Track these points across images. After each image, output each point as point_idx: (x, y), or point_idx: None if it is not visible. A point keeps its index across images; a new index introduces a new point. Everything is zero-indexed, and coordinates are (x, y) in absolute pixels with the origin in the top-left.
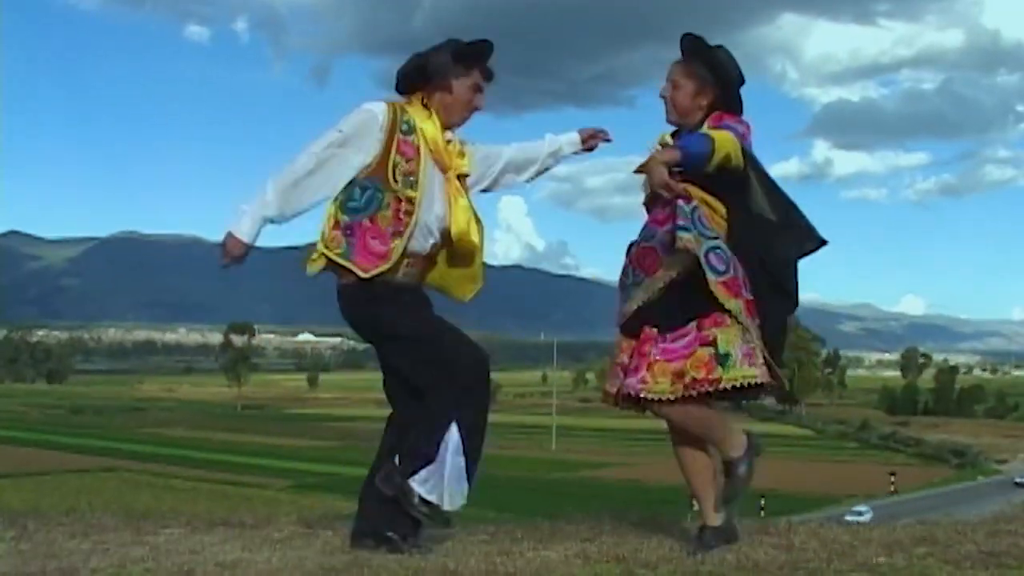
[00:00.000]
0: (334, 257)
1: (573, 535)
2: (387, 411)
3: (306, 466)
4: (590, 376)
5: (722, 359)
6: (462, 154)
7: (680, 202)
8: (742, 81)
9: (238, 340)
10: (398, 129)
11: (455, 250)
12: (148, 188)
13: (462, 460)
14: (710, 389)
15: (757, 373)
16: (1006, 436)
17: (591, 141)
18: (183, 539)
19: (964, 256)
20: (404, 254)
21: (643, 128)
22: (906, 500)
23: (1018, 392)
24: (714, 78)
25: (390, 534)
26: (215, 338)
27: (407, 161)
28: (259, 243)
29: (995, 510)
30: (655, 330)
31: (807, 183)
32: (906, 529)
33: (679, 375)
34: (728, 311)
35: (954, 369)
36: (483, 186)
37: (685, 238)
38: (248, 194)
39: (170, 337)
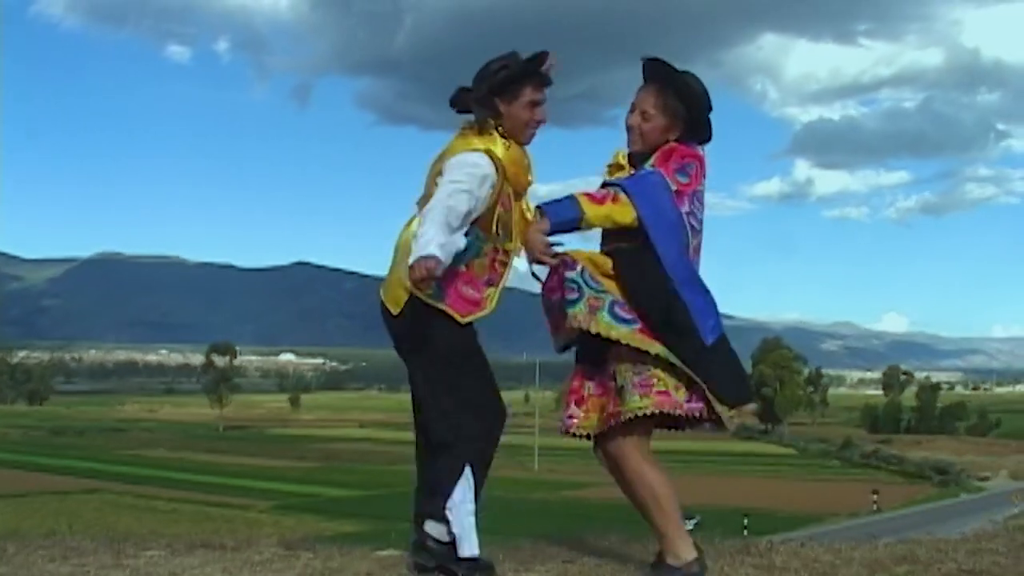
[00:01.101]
0: (425, 299)
1: (555, 556)
2: (367, 432)
3: (288, 487)
4: None
5: (619, 391)
6: (529, 167)
7: (566, 272)
8: (710, 108)
9: (220, 361)
10: (503, 183)
11: None
12: (129, 208)
13: (472, 508)
14: (612, 423)
15: (647, 404)
16: (988, 453)
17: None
18: (163, 562)
19: (945, 274)
20: (494, 304)
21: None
22: (888, 518)
23: (1000, 409)
24: (686, 111)
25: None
26: (197, 359)
27: (506, 212)
28: (241, 263)
29: (976, 528)
30: (585, 364)
31: (789, 202)
32: (887, 548)
33: (603, 409)
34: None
35: (936, 387)
36: None
37: (572, 314)
38: (233, 216)
39: (152, 358)
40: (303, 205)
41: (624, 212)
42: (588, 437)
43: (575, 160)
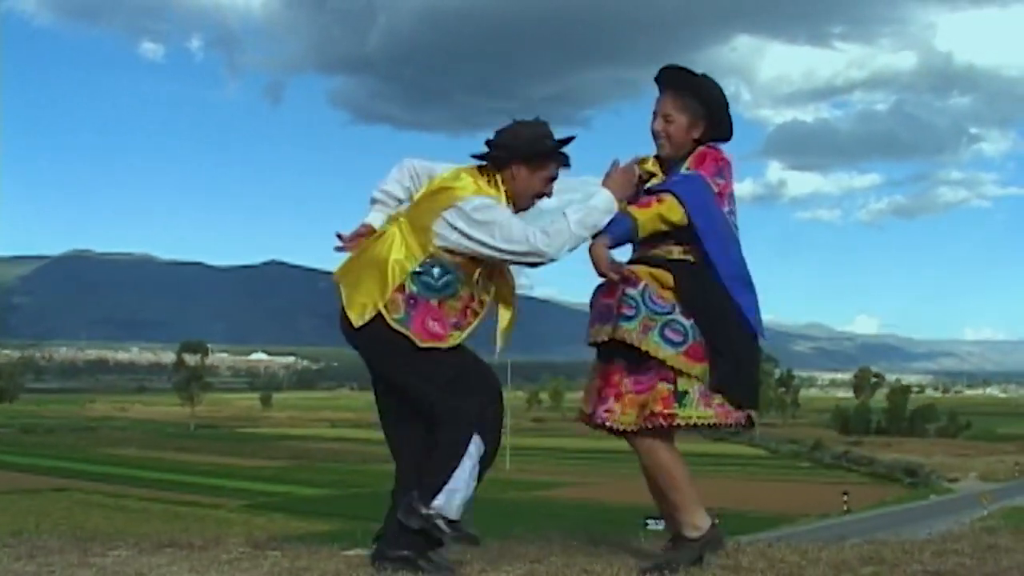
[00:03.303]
0: (391, 322)
1: (522, 556)
2: (339, 431)
3: (259, 486)
4: (544, 396)
5: (680, 396)
6: None
7: (628, 288)
8: (728, 108)
9: (191, 359)
10: None
11: None
12: (100, 206)
13: (475, 485)
14: (664, 424)
15: (712, 414)
16: (958, 455)
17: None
18: (131, 561)
19: (916, 277)
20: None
21: (600, 150)
22: (858, 519)
23: (970, 411)
24: (705, 110)
25: (406, 553)
26: (168, 357)
27: (490, 266)
28: (213, 262)
29: (943, 530)
30: (623, 360)
31: (761, 204)
32: (854, 549)
33: (643, 407)
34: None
35: (906, 389)
36: None
37: (626, 330)
38: (205, 214)
39: (122, 356)
40: (276, 204)
41: (673, 209)
42: (619, 432)
43: None
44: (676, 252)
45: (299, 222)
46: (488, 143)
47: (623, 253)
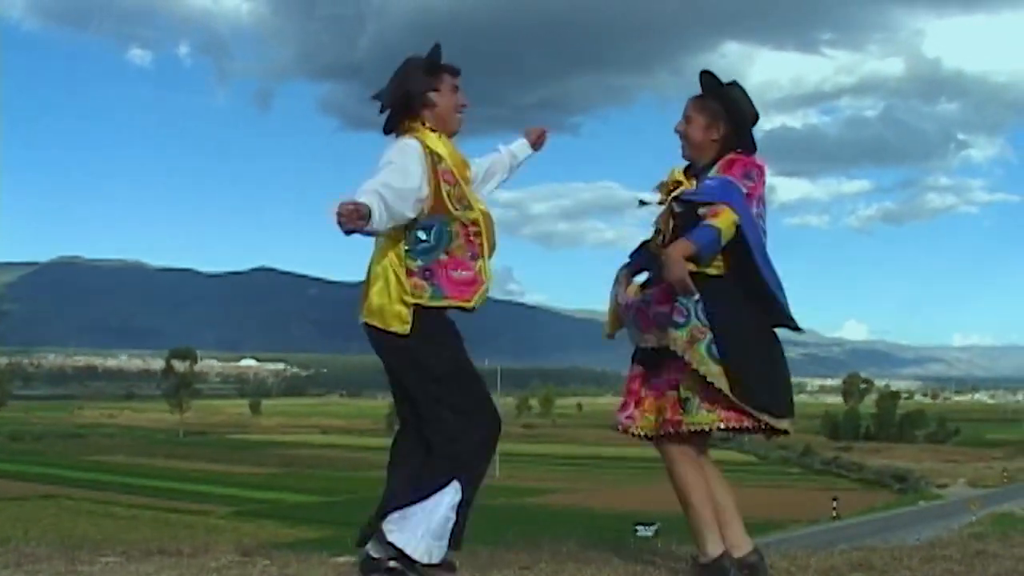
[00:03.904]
0: (427, 303)
1: (512, 562)
2: (328, 438)
3: (248, 493)
4: (534, 403)
5: (684, 403)
6: (465, 163)
7: (682, 297)
8: (756, 117)
9: (180, 366)
10: (434, 160)
11: None
12: (90, 213)
13: (453, 520)
14: (672, 430)
15: (714, 419)
16: (947, 461)
17: (539, 141)
18: (118, 568)
19: (905, 283)
20: (488, 274)
21: (588, 156)
22: (848, 525)
23: (958, 417)
24: (726, 113)
25: (393, 564)
26: (157, 364)
27: (453, 187)
28: (202, 268)
29: (932, 536)
30: (642, 367)
31: None
32: (843, 555)
33: (659, 412)
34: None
35: (895, 395)
36: None
37: (674, 336)
38: (195, 220)
39: (111, 363)
40: (265, 210)
41: (731, 217)
42: (644, 437)
43: (536, 168)
44: (713, 265)
45: (289, 229)
46: (382, 111)
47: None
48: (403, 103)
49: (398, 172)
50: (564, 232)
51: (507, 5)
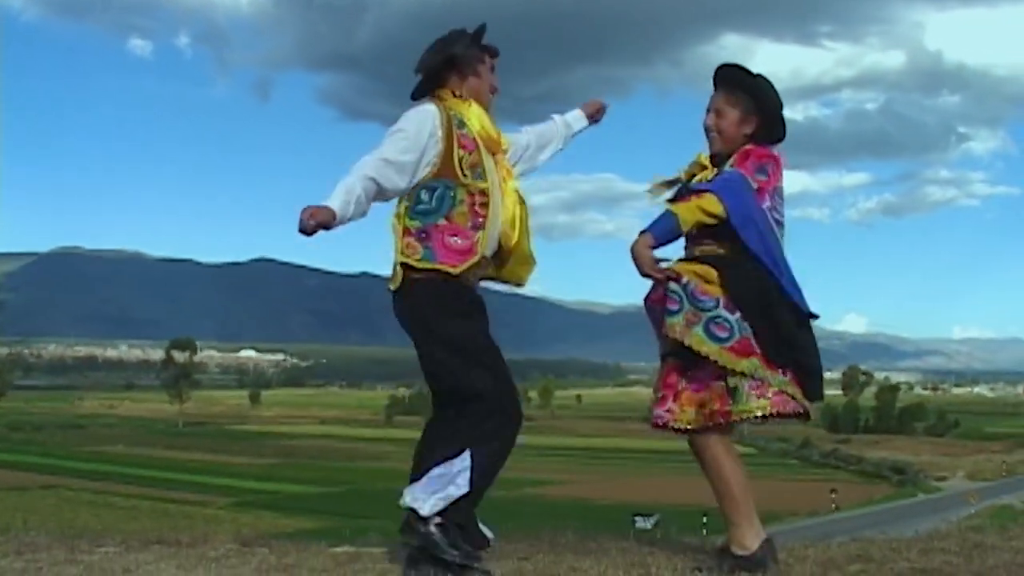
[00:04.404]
0: (415, 264)
1: (510, 553)
2: (327, 429)
3: (247, 483)
4: (532, 395)
5: (732, 392)
6: (500, 133)
7: (671, 284)
8: (780, 104)
9: (180, 356)
10: (453, 124)
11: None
12: (89, 203)
13: (459, 493)
14: (722, 421)
15: (765, 405)
16: (946, 453)
17: (596, 115)
18: (117, 558)
19: (905, 275)
20: (486, 247)
21: (591, 148)
22: (846, 517)
23: (958, 410)
24: (757, 107)
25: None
26: (157, 354)
27: (470, 154)
28: (202, 259)
29: (930, 528)
30: (678, 360)
31: None
32: (841, 547)
33: (702, 405)
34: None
35: (895, 387)
36: (516, 168)
37: (671, 324)
38: (194, 211)
39: (111, 353)
40: (265, 201)
41: (711, 202)
42: (681, 430)
43: None
44: (721, 250)
45: (289, 219)
46: (417, 72)
47: (673, 251)
48: (443, 67)
49: (401, 142)
50: (564, 224)
51: None
